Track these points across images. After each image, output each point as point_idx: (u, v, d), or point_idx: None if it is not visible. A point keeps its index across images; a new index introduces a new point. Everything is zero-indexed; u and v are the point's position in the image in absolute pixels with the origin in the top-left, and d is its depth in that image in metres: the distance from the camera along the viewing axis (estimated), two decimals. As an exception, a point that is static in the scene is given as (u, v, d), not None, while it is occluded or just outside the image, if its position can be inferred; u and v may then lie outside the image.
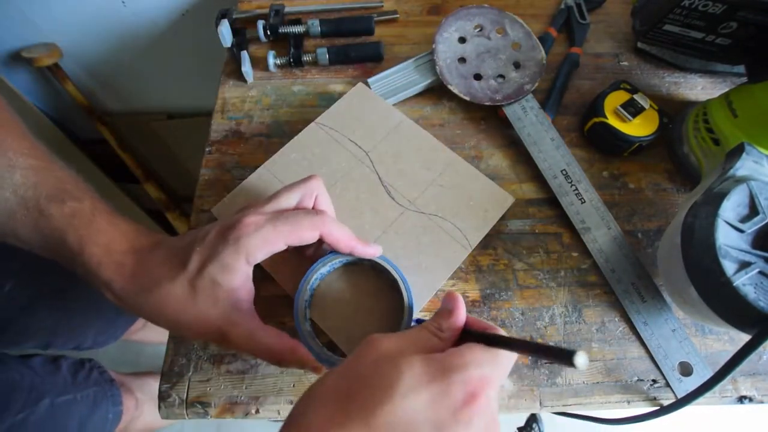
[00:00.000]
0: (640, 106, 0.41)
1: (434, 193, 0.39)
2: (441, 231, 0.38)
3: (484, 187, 0.39)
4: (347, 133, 0.41)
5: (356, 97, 0.43)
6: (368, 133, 0.41)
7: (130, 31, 0.67)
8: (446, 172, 0.40)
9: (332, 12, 0.51)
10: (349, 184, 0.39)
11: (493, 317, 0.36)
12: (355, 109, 0.42)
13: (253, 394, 0.33)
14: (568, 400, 0.34)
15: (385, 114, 0.42)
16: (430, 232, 0.38)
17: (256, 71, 0.48)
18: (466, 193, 0.39)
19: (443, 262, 0.37)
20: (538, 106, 0.43)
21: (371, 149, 0.41)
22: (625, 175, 0.42)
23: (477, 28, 0.46)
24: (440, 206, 0.39)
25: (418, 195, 0.39)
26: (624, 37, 0.50)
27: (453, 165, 0.40)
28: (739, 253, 0.28)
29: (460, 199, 0.39)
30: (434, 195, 0.39)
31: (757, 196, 0.29)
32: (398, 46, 0.49)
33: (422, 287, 0.36)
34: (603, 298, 0.37)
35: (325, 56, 0.47)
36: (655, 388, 0.34)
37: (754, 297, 0.27)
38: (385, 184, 0.39)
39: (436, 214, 0.38)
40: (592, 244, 0.38)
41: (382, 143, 0.41)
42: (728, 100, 0.38)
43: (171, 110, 0.84)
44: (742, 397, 0.34)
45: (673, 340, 0.35)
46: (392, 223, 0.38)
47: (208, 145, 0.44)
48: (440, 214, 0.38)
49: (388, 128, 0.42)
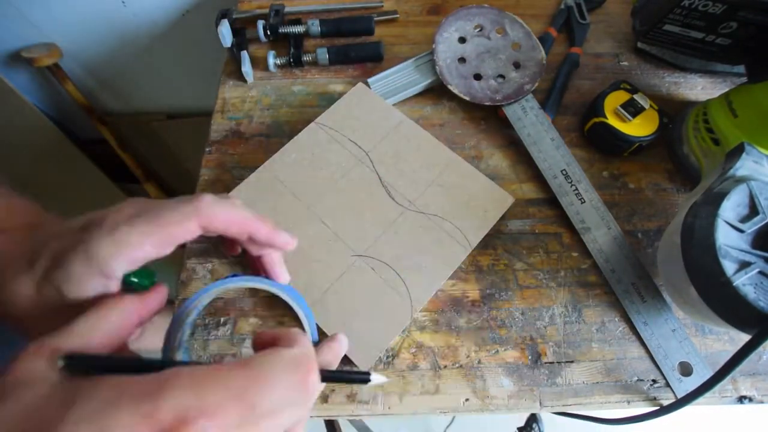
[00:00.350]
0: (640, 106, 0.41)
1: (434, 193, 0.39)
2: (441, 231, 0.38)
3: (484, 187, 0.39)
4: (347, 133, 0.41)
5: (356, 97, 0.43)
6: (368, 133, 0.41)
7: (130, 31, 0.67)
8: (446, 172, 0.40)
9: (332, 12, 0.51)
10: (348, 184, 0.39)
11: (493, 317, 0.36)
12: (355, 109, 0.42)
13: (253, 394, 0.33)
14: (568, 400, 0.34)
15: (385, 114, 0.42)
16: (430, 232, 0.38)
17: (256, 71, 0.48)
18: (466, 193, 0.39)
19: (443, 261, 0.37)
20: (538, 106, 0.43)
21: (371, 149, 0.41)
22: (625, 175, 0.42)
23: (477, 28, 0.46)
24: (440, 206, 0.39)
25: (418, 195, 0.39)
26: (624, 37, 0.50)
27: (453, 165, 0.40)
28: (739, 253, 0.28)
29: (460, 199, 0.39)
30: (434, 195, 0.39)
31: (757, 196, 0.29)
32: (398, 46, 0.49)
33: (422, 287, 0.36)
34: (603, 298, 0.37)
35: (325, 56, 0.47)
36: (655, 388, 0.34)
37: (754, 297, 0.27)
38: (385, 184, 0.39)
39: (435, 214, 0.38)
40: (592, 244, 0.38)
41: (382, 143, 0.41)
42: (728, 100, 0.38)
43: (171, 110, 0.84)
44: (742, 397, 0.34)
45: (673, 340, 0.35)
46: (392, 223, 0.38)
47: (208, 145, 0.44)
48: (440, 214, 0.38)
49: (388, 128, 0.42)
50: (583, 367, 0.35)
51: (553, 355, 0.35)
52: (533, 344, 0.36)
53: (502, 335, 0.36)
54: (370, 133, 0.41)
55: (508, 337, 0.36)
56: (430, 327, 0.36)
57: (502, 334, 0.36)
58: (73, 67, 0.73)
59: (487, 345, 0.35)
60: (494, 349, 0.35)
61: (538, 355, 0.35)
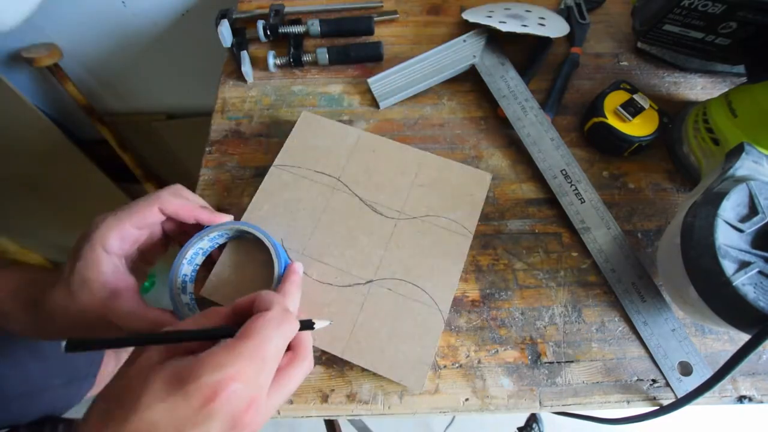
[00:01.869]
0: (639, 106, 0.41)
1: (418, 195, 0.39)
2: (438, 228, 0.38)
3: (460, 173, 0.40)
4: (311, 166, 0.40)
5: (306, 126, 0.42)
6: (331, 158, 0.40)
7: (130, 31, 0.67)
8: (421, 171, 0.40)
9: (332, 12, 0.51)
10: (333, 216, 0.38)
11: (493, 317, 0.36)
12: (310, 139, 0.41)
13: (253, 394, 0.33)
14: (568, 399, 0.34)
15: (341, 133, 0.41)
16: (429, 233, 0.38)
17: (256, 71, 0.48)
18: (447, 185, 0.39)
19: (451, 257, 0.37)
20: (537, 105, 0.43)
21: (341, 173, 0.40)
22: (624, 175, 0.42)
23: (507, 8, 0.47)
24: (428, 205, 0.38)
25: (404, 202, 0.39)
26: (624, 37, 0.50)
27: (425, 162, 0.40)
28: (739, 252, 0.28)
29: (444, 192, 0.39)
30: (419, 197, 0.39)
31: (757, 196, 0.29)
32: (398, 46, 0.49)
33: (441, 288, 0.36)
34: (603, 298, 0.37)
35: (325, 56, 0.47)
36: (655, 387, 0.34)
37: (753, 297, 0.27)
38: (368, 203, 0.39)
39: (427, 214, 0.38)
40: (592, 244, 0.38)
41: (349, 163, 0.40)
42: (728, 100, 0.38)
43: (171, 110, 0.84)
44: (742, 396, 0.34)
45: (672, 340, 0.35)
46: (390, 238, 0.37)
47: (208, 145, 0.44)
48: (431, 213, 0.38)
49: (348, 147, 0.41)
50: (583, 366, 0.35)
51: (553, 354, 0.35)
52: (533, 344, 0.36)
53: (501, 335, 0.36)
54: (333, 158, 0.40)
55: (508, 337, 0.36)
56: (430, 327, 0.36)
57: (501, 334, 0.36)
58: (73, 67, 0.73)
59: (486, 345, 0.36)
60: (494, 349, 0.35)
61: (537, 354, 0.35)
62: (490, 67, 0.45)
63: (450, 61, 0.46)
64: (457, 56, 0.46)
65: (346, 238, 0.37)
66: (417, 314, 0.35)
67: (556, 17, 0.48)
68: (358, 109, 0.46)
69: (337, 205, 0.39)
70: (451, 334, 0.36)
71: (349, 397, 0.33)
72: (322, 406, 0.33)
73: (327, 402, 0.33)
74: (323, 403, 0.33)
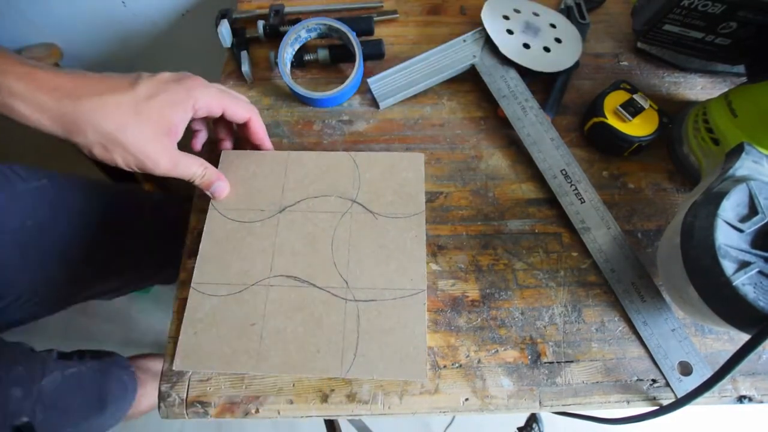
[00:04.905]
0: (639, 106, 0.41)
1: (363, 194, 0.39)
2: (388, 219, 0.38)
3: (392, 162, 0.40)
4: (250, 205, 0.39)
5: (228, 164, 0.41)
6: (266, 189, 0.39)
7: (130, 31, 0.67)
8: (360, 170, 0.40)
9: (332, 12, 0.51)
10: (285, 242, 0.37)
11: (493, 317, 0.36)
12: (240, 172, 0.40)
13: (253, 394, 0.33)
14: (568, 399, 0.34)
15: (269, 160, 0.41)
16: (382, 226, 0.38)
17: (256, 71, 0.48)
18: (384, 176, 0.40)
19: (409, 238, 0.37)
20: (537, 105, 0.43)
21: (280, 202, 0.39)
22: (624, 175, 0.42)
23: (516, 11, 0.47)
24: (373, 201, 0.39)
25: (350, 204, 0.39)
26: (624, 37, 0.50)
27: (358, 160, 0.41)
28: (739, 252, 0.28)
29: (385, 185, 0.39)
30: (363, 195, 0.39)
31: (757, 196, 0.29)
32: (398, 46, 0.49)
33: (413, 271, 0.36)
34: (603, 297, 0.37)
35: (326, 56, 0.47)
36: (655, 387, 0.34)
37: (753, 297, 0.27)
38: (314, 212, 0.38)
39: (379, 212, 0.38)
40: (592, 244, 0.38)
41: (286, 191, 0.39)
42: (728, 100, 0.38)
43: (171, 110, 0.84)
44: (742, 396, 0.34)
45: (672, 340, 0.35)
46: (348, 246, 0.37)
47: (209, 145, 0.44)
48: (381, 211, 0.38)
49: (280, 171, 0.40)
50: (583, 366, 0.35)
51: (553, 354, 0.35)
52: (533, 344, 0.36)
53: (501, 335, 0.36)
54: (269, 188, 0.39)
55: (508, 336, 0.36)
56: (430, 327, 0.36)
57: (501, 333, 0.36)
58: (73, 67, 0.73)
59: (486, 345, 0.36)
60: (494, 349, 0.35)
61: (537, 354, 0.35)
62: (490, 67, 0.45)
63: (450, 61, 0.46)
64: (457, 56, 0.46)
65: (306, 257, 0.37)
66: (400, 306, 0.35)
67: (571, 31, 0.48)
68: (358, 110, 0.46)
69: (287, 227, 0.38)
70: (450, 333, 0.36)
71: (349, 397, 0.33)
72: (321, 406, 0.33)
73: (327, 402, 0.33)
74: (323, 403, 0.33)
